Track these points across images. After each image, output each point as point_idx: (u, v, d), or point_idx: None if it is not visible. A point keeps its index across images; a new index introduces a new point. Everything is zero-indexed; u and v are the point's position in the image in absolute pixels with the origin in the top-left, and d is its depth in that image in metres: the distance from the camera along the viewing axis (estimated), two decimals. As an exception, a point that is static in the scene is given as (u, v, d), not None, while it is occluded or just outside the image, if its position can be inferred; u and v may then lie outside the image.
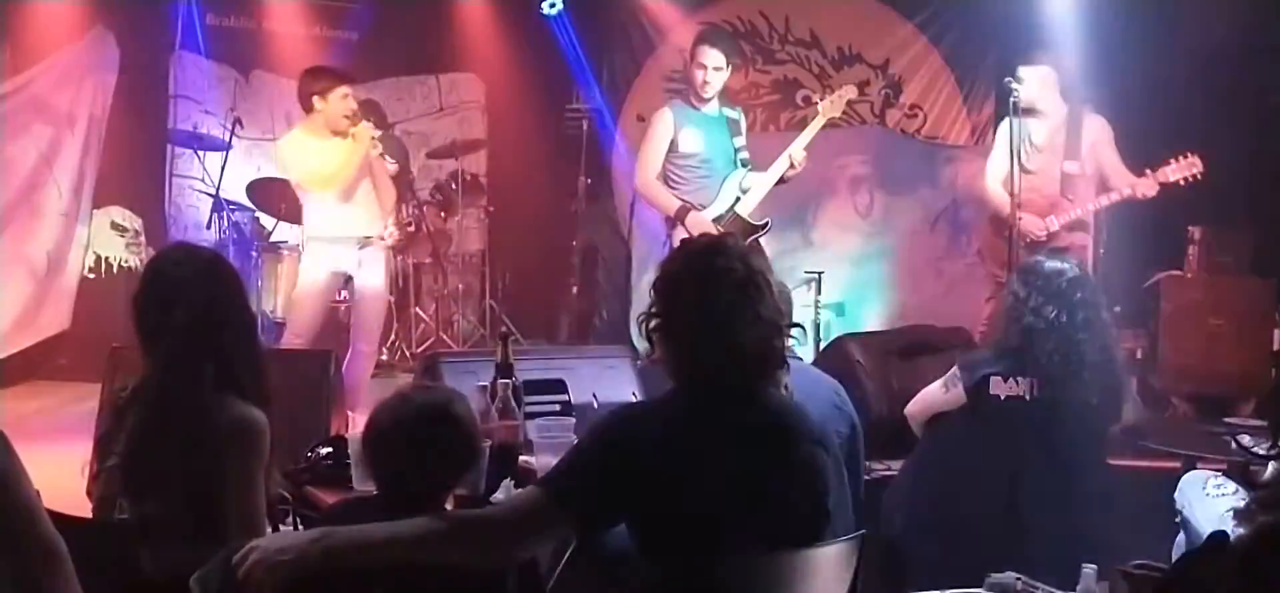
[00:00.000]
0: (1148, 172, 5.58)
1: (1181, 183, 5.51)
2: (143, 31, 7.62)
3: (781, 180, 5.55)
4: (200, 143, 7.52)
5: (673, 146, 5.47)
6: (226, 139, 7.23)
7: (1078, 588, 2.29)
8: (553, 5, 8.24)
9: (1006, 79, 5.83)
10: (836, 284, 7.48)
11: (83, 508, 2.75)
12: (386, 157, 5.90)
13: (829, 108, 5.84)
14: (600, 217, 8.33)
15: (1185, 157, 5.51)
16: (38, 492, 2.04)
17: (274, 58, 8.08)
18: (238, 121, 7.36)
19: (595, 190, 8.13)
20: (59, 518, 2.49)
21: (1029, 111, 5.65)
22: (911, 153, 8.13)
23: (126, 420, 2.53)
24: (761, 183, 5.50)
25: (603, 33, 8.49)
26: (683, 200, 5.42)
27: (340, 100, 5.50)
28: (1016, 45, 6.35)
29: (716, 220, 5.40)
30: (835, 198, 7.87)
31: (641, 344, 2.38)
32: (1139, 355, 6.33)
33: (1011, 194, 5.36)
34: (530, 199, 8.28)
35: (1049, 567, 2.43)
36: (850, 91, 6.04)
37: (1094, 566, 2.31)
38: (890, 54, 8.50)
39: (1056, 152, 5.76)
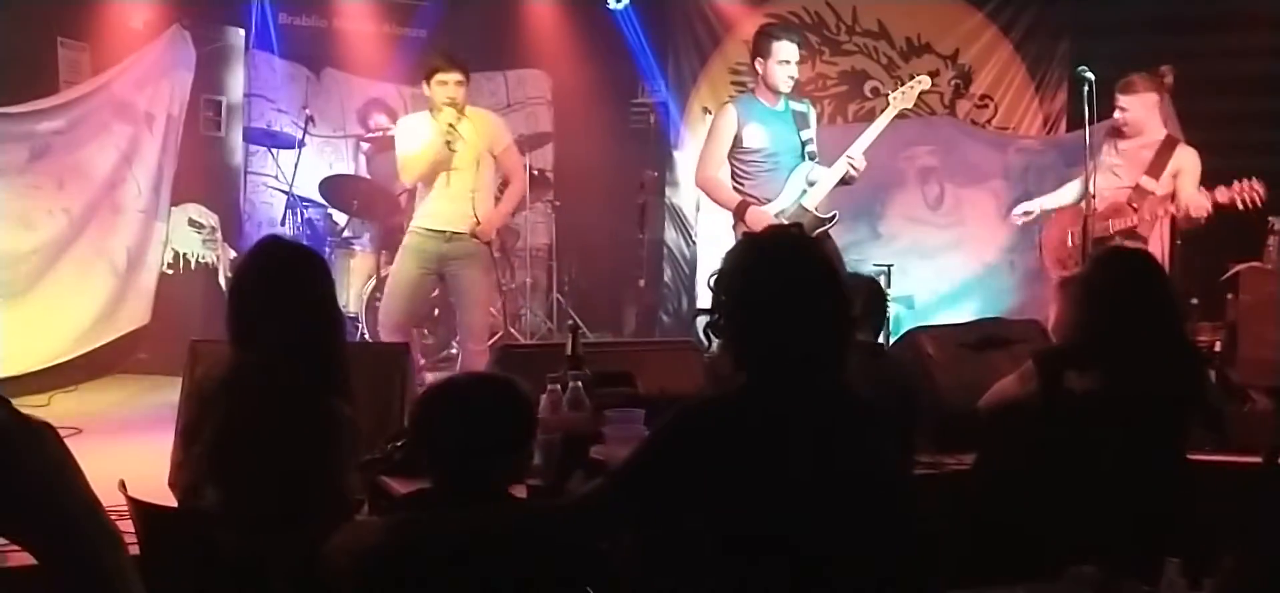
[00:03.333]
0: (1203, 189, 5.72)
1: (1241, 207, 5.63)
2: (217, 31, 7.77)
3: (845, 180, 5.50)
4: (273, 141, 7.64)
5: (737, 142, 5.42)
6: (299, 137, 7.34)
7: (1162, 584, 2.25)
8: (619, 0, 8.27)
9: (1080, 68, 5.77)
10: (906, 277, 7.42)
11: (165, 497, 2.82)
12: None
13: (900, 99, 5.78)
14: (667, 210, 8.34)
15: (1248, 181, 5.69)
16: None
17: (345, 56, 8.19)
18: (310, 119, 7.47)
19: (661, 184, 8.14)
20: (145, 506, 2.56)
21: (1125, 131, 5.99)
22: (982, 143, 8.04)
23: (213, 410, 2.58)
24: (828, 177, 5.44)
25: (668, 27, 8.49)
26: (747, 195, 5.39)
27: (438, 85, 5.41)
28: (1089, 33, 6.27)
29: (781, 214, 5.35)
30: (904, 190, 7.80)
31: (707, 339, 2.37)
32: (1217, 349, 6.20)
33: (1088, 195, 5.60)
34: (597, 193, 8.30)
35: (1130, 563, 2.39)
36: (923, 82, 5.95)
37: (1177, 560, 2.27)
38: (960, 44, 8.41)
39: (1138, 165, 5.97)
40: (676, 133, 8.33)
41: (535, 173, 7.90)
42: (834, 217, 5.47)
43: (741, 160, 5.45)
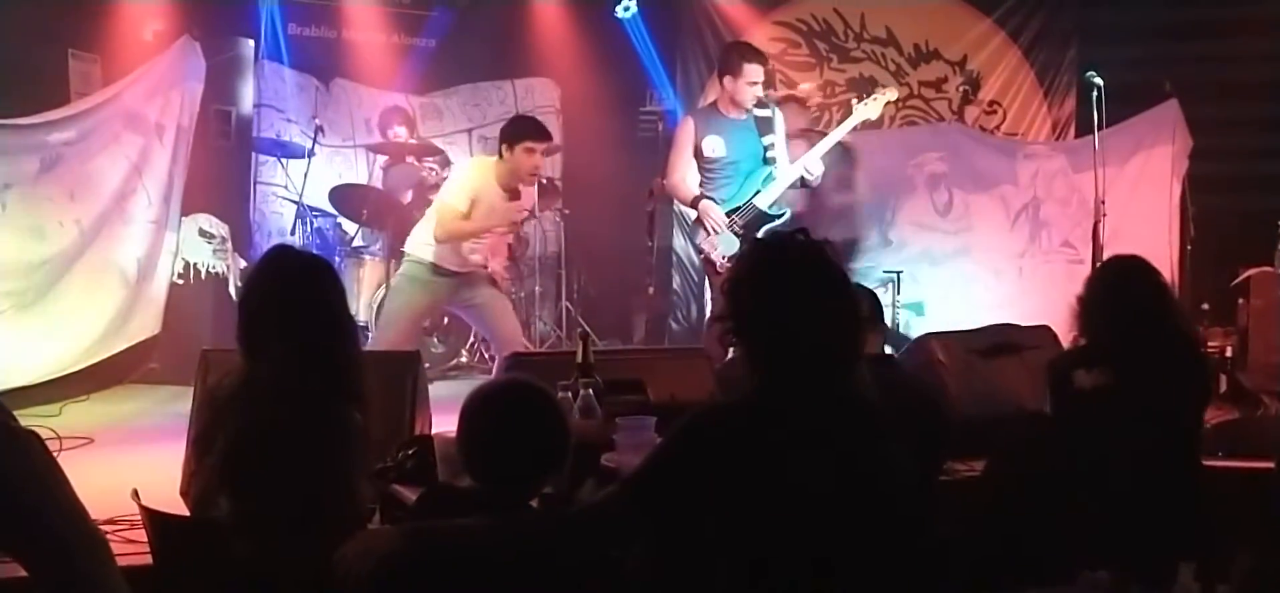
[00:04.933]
0: None
1: None
2: (227, 42, 7.80)
3: (803, 183, 5.64)
4: (283, 151, 7.67)
5: (697, 152, 5.67)
6: (309, 147, 7.36)
7: (1175, 589, 2.25)
8: (627, 9, 8.29)
9: (1089, 73, 5.77)
10: (916, 283, 7.42)
11: (178, 506, 2.83)
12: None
13: (863, 109, 5.84)
14: (676, 218, 8.34)
15: None
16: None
17: (354, 66, 8.22)
18: (320, 129, 7.49)
19: (669, 192, 8.13)
20: (158, 515, 2.56)
21: None
22: (991, 149, 8.04)
23: (226, 418, 2.59)
24: (782, 179, 5.62)
25: (676, 35, 8.52)
26: (706, 197, 5.63)
27: (525, 153, 5.34)
28: (1097, 38, 6.27)
29: (733, 211, 5.58)
30: (914, 196, 7.79)
31: (717, 347, 2.38)
32: (1228, 353, 6.19)
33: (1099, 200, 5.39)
34: (605, 202, 8.31)
35: (1142, 566, 2.39)
36: (889, 93, 6.05)
37: (1191, 564, 2.26)
38: (968, 50, 8.42)
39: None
40: (685, 140, 8.33)
41: (544, 181, 7.91)
42: (782, 214, 5.62)
43: (704, 168, 5.70)
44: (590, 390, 3.00)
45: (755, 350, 2.23)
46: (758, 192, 5.61)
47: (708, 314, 7.29)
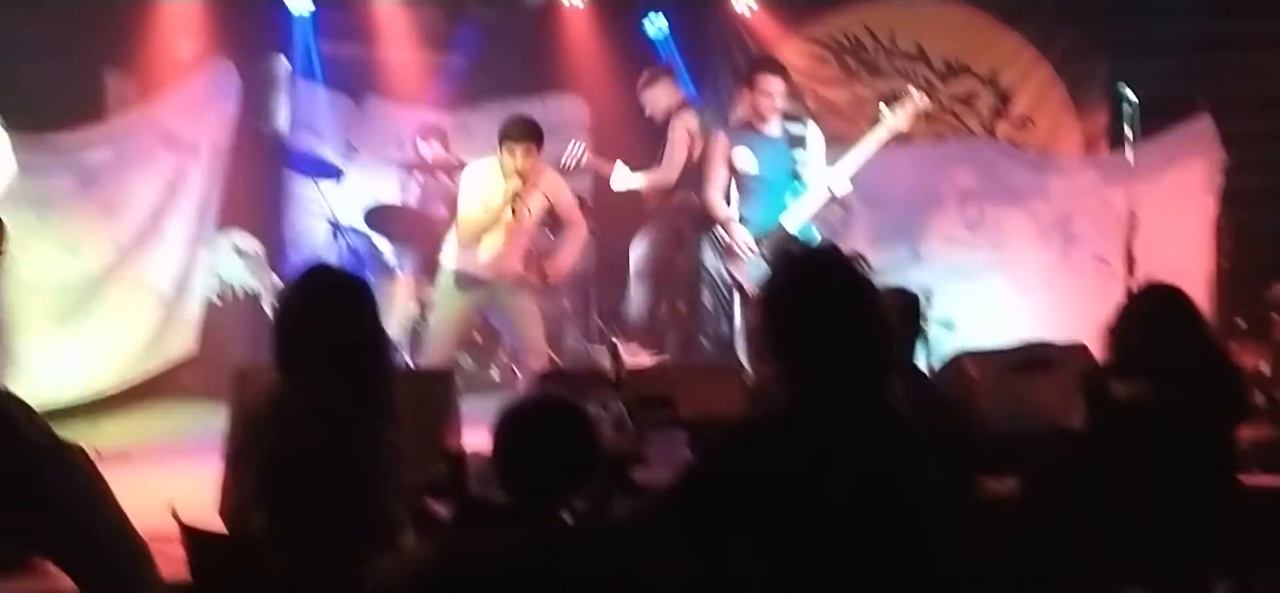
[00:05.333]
0: None
1: None
2: (261, 60, 7.89)
3: (835, 202, 5.66)
4: (316, 168, 7.72)
5: (729, 165, 5.80)
6: (341, 164, 7.42)
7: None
8: (656, 27, 8.31)
9: (1119, 85, 5.75)
10: (945, 299, 7.38)
11: (213, 522, 2.85)
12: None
13: (892, 120, 5.86)
14: (706, 234, 8.33)
15: None
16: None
17: (386, 84, 8.28)
18: (352, 147, 7.55)
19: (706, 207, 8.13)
20: (195, 531, 2.59)
21: None
22: (1022, 165, 8.00)
23: (261, 435, 2.61)
24: (809, 201, 5.72)
25: (706, 51, 8.52)
26: (742, 214, 5.76)
27: (507, 153, 5.44)
28: (1129, 52, 6.24)
29: (761, 236, 5.69)
30: (943, 211, 7.76)
31: (749, 361, 2.39)
32: (1263, 371, 6.12)
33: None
34: (635, 219, 8.32)
35: (1177, 584, 2.37)
36: (918, 99, 6.06)
37: (1227, 581, 2.24)
38: (998, 64, 8.38)
39: None
40: (715, 157, 8.33)
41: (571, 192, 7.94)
42: (810, 238, 5.70)
43: (737, 183, 5.82)
44: (622, 405, 3.01)
45: (786, 365, 2.24)
46: (783, 211, 5.64)
47: (738, 332, 7.32)
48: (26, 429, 1.91)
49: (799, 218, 5.65)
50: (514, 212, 5.45)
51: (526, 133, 5.46)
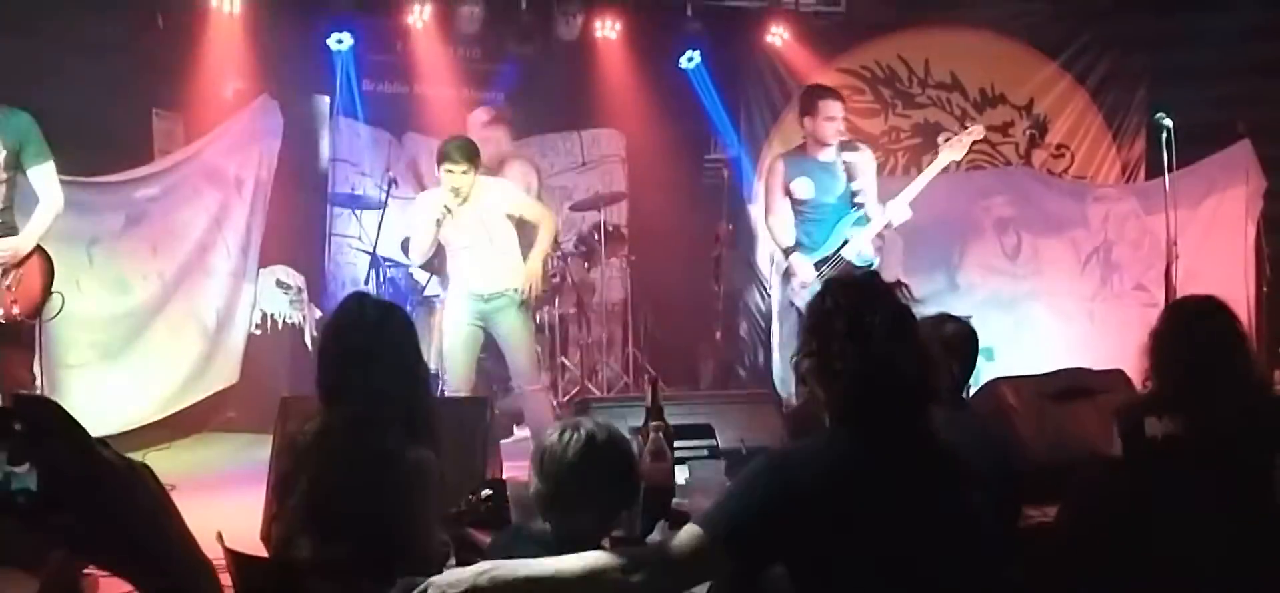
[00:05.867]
0: None
1: None
2: (304, 99, 8.02)
3: (888, 226, 5.82)
4: (357, 203, 7.83)
5: (787, 192, 5.84)
6: (382, 199, 7.52)
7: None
8: (691, 60, 8.38)
9: (1158, 114, 5.73)
10: (984, 327, 7.33)
11: (258, 551, 2.90)
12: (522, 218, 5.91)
13: (950, 150, 5.91)
14: (741, 264, 8.38)
15: None
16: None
17: (426, 119, 8.39)
18: (393, 182, 7.65)
19: (735, 238, 8.19)
20: (242, 557, 2.64)
21: None
22: (1059, 193, 7.98)
23: (305, 463, 2.66)
24: (868, 229, 5.77)
25: (740, 83, 8.58)
26: (800, 241, 5.81)
27: (445, 174, 5.62)
28: (1166, 79, 6.22)
29: (821, 263, 5.73)
30: (981, 240, 7.76)
31: (789, 388, 2.41)
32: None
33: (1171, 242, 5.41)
34: (671, 248, 8.37)
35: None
36: (976, 131, 6.13)
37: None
38: (1034, 93, 8.38)
39: None
40: (750, 187, 8.38)
41: (610, 229, 8.00)
42: (871, 267, 5.71)
43: (794, 209, 5.86)
44: (660, 434, 3.04)
45: (829, 391, 2.25)
46: (845, 241, 5.70)
47: (775, 361, 7.34)
48: (98, 447, 1.97)
49: (861, 247, 5.70)
50: (438, 223, 5.65)
51: (462, 154, 5.64)
